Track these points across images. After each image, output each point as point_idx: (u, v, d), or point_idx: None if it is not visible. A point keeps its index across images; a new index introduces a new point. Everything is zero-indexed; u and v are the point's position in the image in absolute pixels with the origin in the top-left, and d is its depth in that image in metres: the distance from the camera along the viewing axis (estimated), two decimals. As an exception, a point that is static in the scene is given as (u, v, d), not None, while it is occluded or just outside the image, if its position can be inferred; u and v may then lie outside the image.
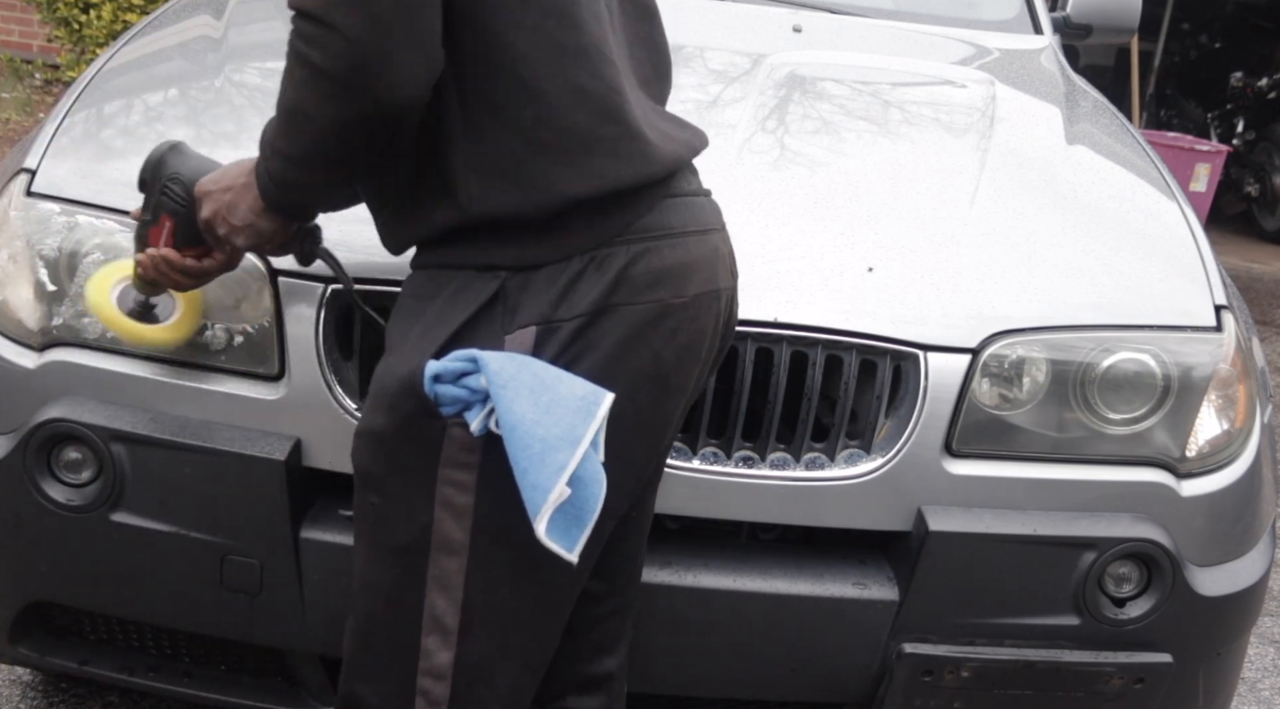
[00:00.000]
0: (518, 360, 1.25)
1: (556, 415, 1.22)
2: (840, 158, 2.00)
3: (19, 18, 7.51)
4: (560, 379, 1.25)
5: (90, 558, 1.70)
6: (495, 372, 1.23)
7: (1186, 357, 1.73)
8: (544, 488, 1.22)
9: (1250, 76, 9.05)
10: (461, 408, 1.26)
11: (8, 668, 2.26)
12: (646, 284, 1.31)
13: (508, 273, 1.28)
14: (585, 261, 1.29)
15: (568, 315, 1.28)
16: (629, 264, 1.30)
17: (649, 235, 1.32)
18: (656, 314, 1.32)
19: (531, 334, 1.28)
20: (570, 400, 1.24)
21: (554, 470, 1.22)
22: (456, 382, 1.25)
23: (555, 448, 1.22)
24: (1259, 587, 1.83)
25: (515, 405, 1.22)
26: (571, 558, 1.26)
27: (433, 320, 1.30)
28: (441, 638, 1.34)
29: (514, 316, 1.28)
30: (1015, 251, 1.81)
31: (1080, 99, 2.48)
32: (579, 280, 1.29)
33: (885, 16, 2.84)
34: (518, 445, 1.23)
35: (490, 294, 1.28)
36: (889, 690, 1.70)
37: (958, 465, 1.68)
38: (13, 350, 1.71)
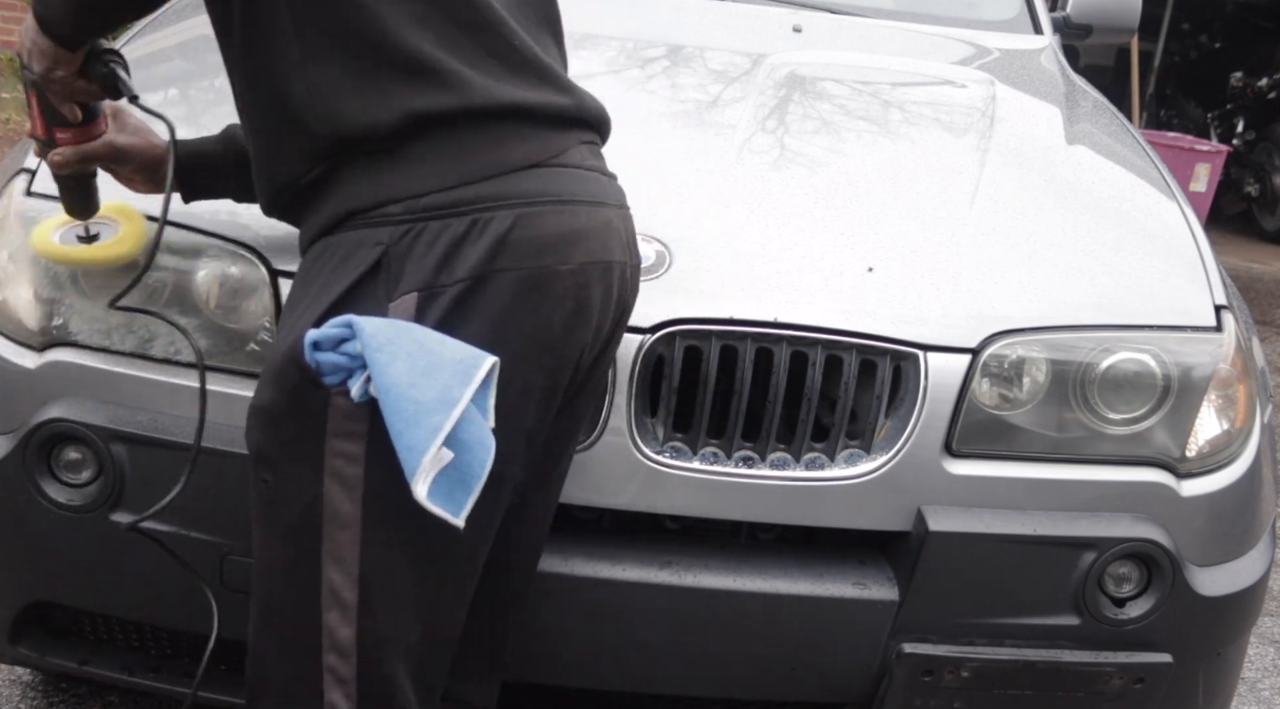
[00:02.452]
0: (397, 325, 1.24)
1: (434, 379, 1.21)
2: (840, 158, 2.00)
3: (19, 18, 7.51)
4: (442, 343, 1.24)
5: (90, 558, 1.70)
6: (370, 335, 1.22)
7: (1186, 356, 1.73)
8: (418, 450, 1.21)
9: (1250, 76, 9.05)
10: (344, 376, 1.25)
11: (8, 668, 2.26)
12: (532, 249, 1.30)
13: (390, 239, 1.28)
14: (467, 225, 1.28)
15: (449, 281, 1.27)
16: (511, 228, 1.29)
17: (530, 200, 1.31)
18: (542, 279, 1.31)
19: (413, 300, 1.27)
20: (450, 364, 1.23)
21: (428, 432, 1.21)
22: (337, 349, 1.25)
23: (430, 410, 1.21)
24: (1259, 587, 1.83)
25: (391, 369, 1.21)
26: (457, 522, 1.25)
27: (318, 292, 1.30)
28: (341, 613, 1.33)
29: (397, 284, 1.27)
30: (1015, 251, 1.81)
31: (1080, 99, 2.48)
32: (461, 245, 1.28)
33: (885, 16, 2.84)
34: (392, 408, 1.22)
35: (372, 261, 1.28)
36: (889, 690, 1.70)
37: (958, 465, 1.68)
38: (13, 350, 1.71)
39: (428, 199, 1.28)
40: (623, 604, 1.65)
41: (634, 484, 1.64)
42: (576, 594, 1.64)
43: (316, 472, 1.30)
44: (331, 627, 1.33)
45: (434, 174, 1.29)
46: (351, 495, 1.30)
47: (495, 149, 1.31)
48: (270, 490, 1.34)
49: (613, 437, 1.62)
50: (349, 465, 1.29)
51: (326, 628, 1.33)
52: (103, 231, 1.61)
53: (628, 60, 2.33)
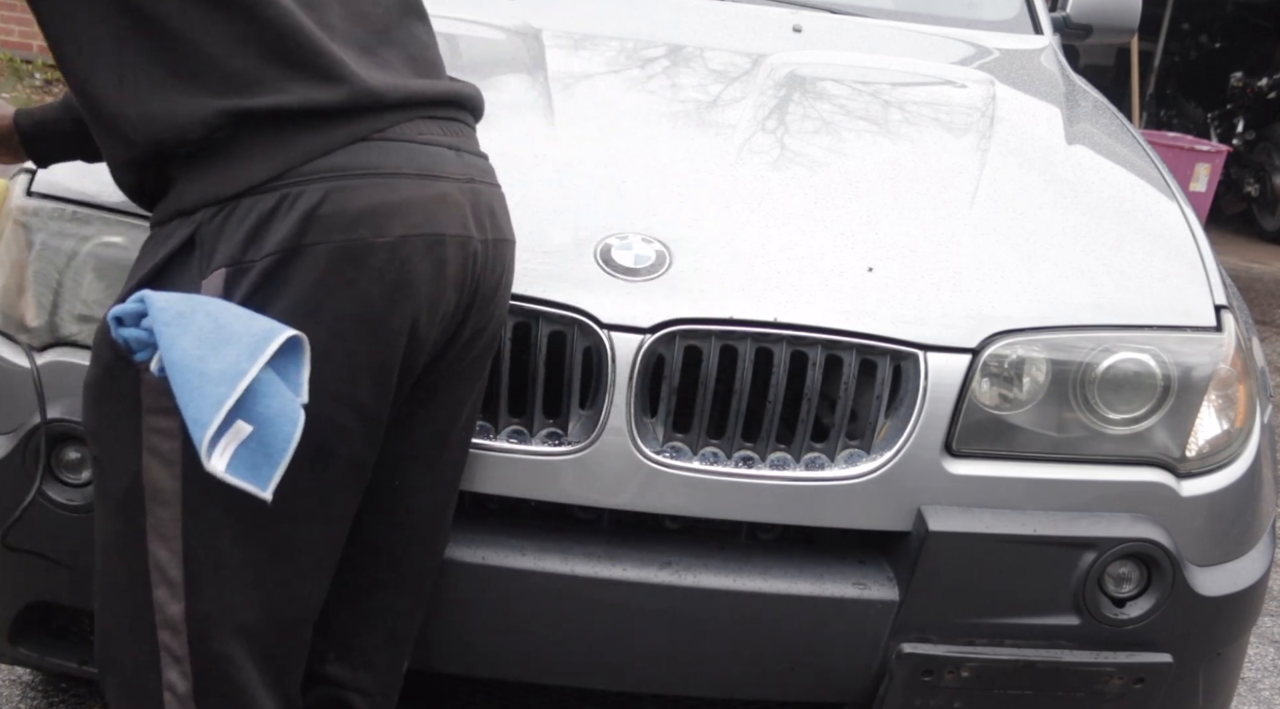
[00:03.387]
0: (192, 300, 1.24)
1: (223, 352, 1.21)
2: (840, 158, 2.00)
3: (19, 18, 7.52)
4: (240, 317, 1.24)
5: (91, 558, 1.69)
6: (160, 309, 1.23)
7: (1186, 357, 1.73)
8: (202, 422, 1.20)
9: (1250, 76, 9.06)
10: (152, 351, 1.25)
11: (8, 668, 2.26)
12: (344, 223, 1.29)
13: (203, 219, 1.28)
14: (276, 201, 1.27)
15: (256, 256, 1.27)
16: (321, 201, 1.28)
17: (345, 173, 1.30)
18: (355, 252, 1.29)
19: (221, 276, 1.27)
20: (243, 337, 1.22)
21: (212, 404, 1.20)
22: (139, 324, 1.25)
23: (215, 382, 1.21)
24: (1259, 587, 1.83)
25: (178, 342, 1.21)
26: (264, 496, 1.24)
27: (135, 271, 1.32)
28: (169, 590, 1.33)
29: (209, 261, 1.28)
30: (1015, 251, 1.81)
31: (1080, 99, 2.48)
32: (270, 220, 1.27)
33: (885, 16, 2.84)
34: (178, 381, 1.22)
35: (184, 239, 1.29)
36: (889, 690, 1.70)
37: (958, 465, 1.68)
38: (13, 350, 1.71)
39: None
40: (623, 604, 1.65)
41: (634, 484, 1.64)
42: (576, 594, 1.64)
43: (136, 448, 1.31)
44: (161, 603, 1.34)
45: (253, 172, 1.28)
46: (171, 471, 1.30)
47: (313, 137, 1.30)
48: (98, 465, 1.36)
49: (612, 437, 1.62)
50: (165, 441, 1.30)
51: (157, 604, 1.34)
52: None
53: (628, 60, 2.33)
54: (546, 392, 1.64)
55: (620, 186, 1.80)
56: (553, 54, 2.19)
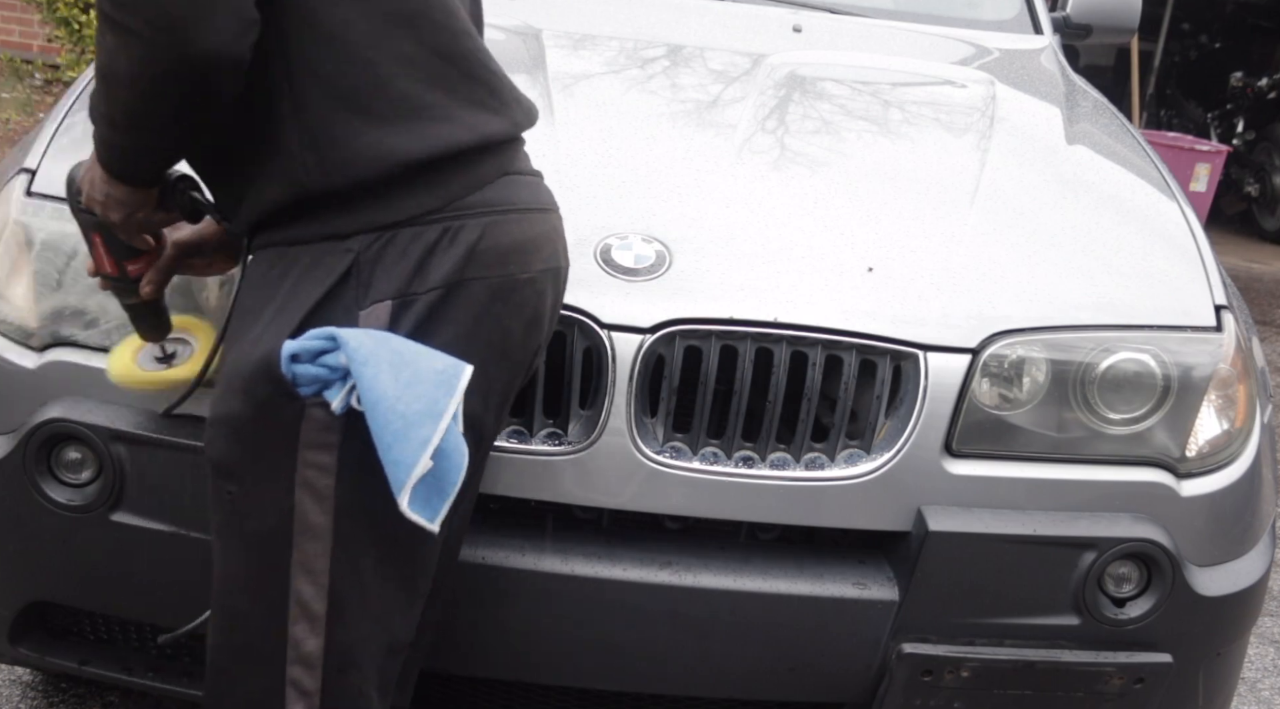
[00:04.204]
0: (376, 336, 1.24)
1: (417, 390, 1.22)
2: (840, 158, 2.00)
3: (19, 18, 7.51)
4: (419, 353, 1.25)
5: (90, 558, 1.70)
6: (355, 348, 1.22)
7: (1186, 357, 1.73)
8: (407, 464, 1.22)
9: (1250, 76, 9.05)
10: (320, 387, 1.25)
11: (8, 668, 2.26)
12: (496, 258, 1.31)
13: (360, 246, 1.28)
14: (439, 233, 1.29)
15: (421, 289, 1.28)
16: (481, 237, 1.30)
17: (495, 209, 1.32)
18: (506, 288, 1.32)
19: (387, 309, 1.27)
20: (430, 374, 1.23)
21: (418, 445, 1.22)
22: (314, 361, 1.24)
23: (418, 423, 1.22)
24: (1259, 587, 1.83)
25: (377, 382, 1.21)
26: (433, 529, 1.26)
27: (285, 300, 1.29)
28: (309, 625, 1.32)
29: (367, 291, 1.27)
30: (1015, 251, 1.81)
31: (1080, 99, 2.48)
32: (432, 254, 1.28)
33: (885, 16, 2.84)
34: (380, 422, 1.22)
35: (344, 269, 1.28)
36: (889, 690, 1.70)
37: (958, 465, 1.68)
38: (13, 350, 1.71)
39: None
40: (623, 604, 1.65)
41: (634, 484, 1.64)
42: (577, 594, 1.64)
43: (288, 483, 1.29)
44: (299, 639, 1.33)
45: (418, 204, 1.29)
46: (323, 506, 1.29)
47: (472, 172, 1.33)
48: (235, 502, 1.32)
49: (613, 437, 1.62)
50: (321, 476, 1.29)
51: (293, 640, 1.33)
52: (179, 350, 1.60)
53: (628, 60, 2.33)
54: (546, 391, 1.64)
55: (620, 186, 1.80)
56: (553, 54, 2.19)
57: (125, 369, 1.61)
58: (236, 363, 1.31)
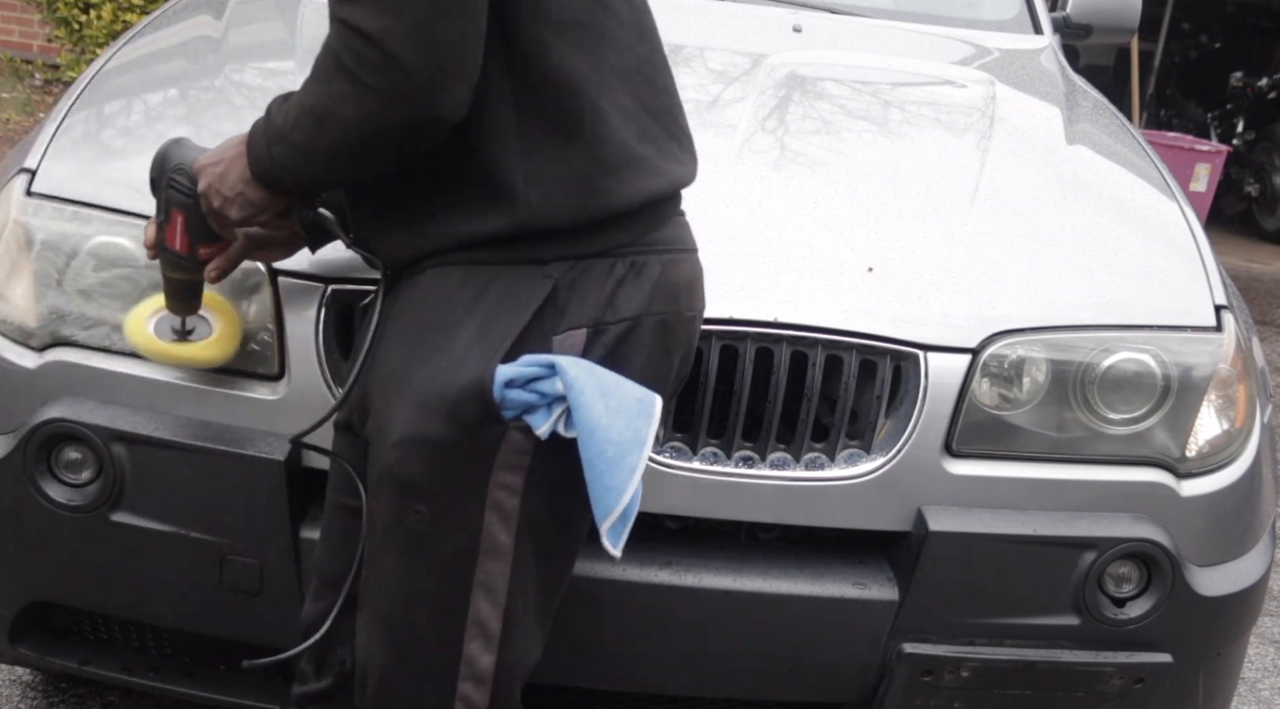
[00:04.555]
0: (584, 365, 1.27)
1: (624, 419, 1.26)
2: (840, 158, 2.00)
3: (19, 18, 7.51)
4: (619, 383, 1.28)
5: (90, 558, 1.70)
6: (573, 377, 1.25)
7: (1186, 357, 1.73)
8: (619, 489, 1.26)
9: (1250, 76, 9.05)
10: (523, 411, 1.28)
11: (8, 668, 2.26)
12: (675, 294, 1.37)
13: (558, 273, 1.30)
14: (627, 267, 1.33)
15: (613, 319, 1.31)
16: (661, 273, 1.35)
17: (674, 247, 1.38)
18: (675, 324, 1.37)
19: (583, 336, 1.30)
20: (632, 403, 1.28)
21: (628, 472, 1.26)
22: (525, 386, 1.27)
23: (627, 451, 1.26)
24: (1259, 587, 1.83)
25: (593, 410, 1.25)
26: (616, 553, 1.30)
27: (485, 322, 1.30)
28: (484, 643, 1.35)
29: (562, 317, 1.30)
30: (1015, 251, 1.81)
31: (1080, 99, 2.48)
32: (622, 285, 1.32)
33: (885, 16, 2.84)
34: (595, 449, 1.26)
35: (545, 295, 1.30)
36: (889, 690, 1.70)
37: (958, 465, 1.68)
38: (13, 350, 1.71)
39: None
40: (623, 604, 1.65)
41: (634, 484, 1.64)
42: (577, 594, 1.64)
43: (479, 503, 1.31)
44: (473, 656, 1.35)
45: (614, 240, 1.33)
46: (508, 526, 1.32)
47: (657, 212, 1.37)
48: (423, 521, 1.33)
49: (613, 437, 1.62)
50: (509, 497, 1.31)
51: (467, 657, 1.35)
52: (198, 326, 1.61)
53: (628, 60, 2.33)
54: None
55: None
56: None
57: (145, 337, 1.61)
58: (433, 384, 1.31)
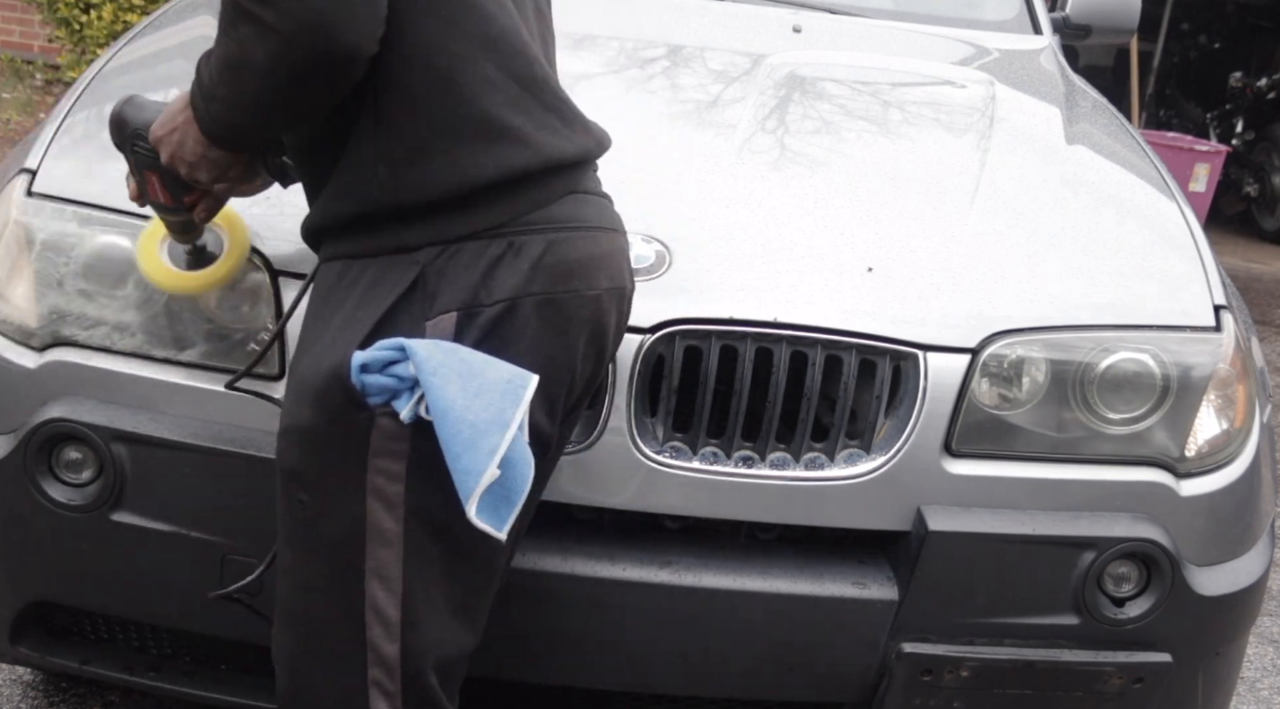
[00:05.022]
0: (444, 347, 1.26)
1: (485, 400, 1.24)
2: (840, 158, 2.00)
3: (19, 18, 7.51)
4: (486, 364, 1.26)
5: (90, 558, 1.70)
6: (425, 359, 1.24)
7: (1186, 356, 1.73)
8: (476, 472, 1.24)
9: (1250, 76, 9.05)
10: (389, 397, 1.27)
11: (8, 668, 2.26)
12: (563, 273, 1.33)
13: (426, 259, 1.29)
14: (504, 247, 1.30)
15: (488, 301, 1.29)
16: (545, 252, 1.32)
17: (563, 226, 1.34)
18: (569, 304, 1.34)
19: (453, 320, 1.29)
20: (497, 384, 1.25)
21: (486, 454, 1.24)
22: (383, 370, 1.26)
23: (485, 432, 1.24)
24: (1258, 586, 1.83)
25: (446, 392, 1.23)
26: (500, 536, 1.28)
27: (352, 310, 1.30)
28: (385, 630, 1.34)
29: (433, 303, 1.29)
30: (1015, 251, 1.81)
31: (1080, 99, 2.48)
32: (498, 266, 1.30)
33: (885, 16, 2.84)
34: (450, 431, 1.24)
35: (410, 281, 1.29)
36: (889, 690, 1.70)
37: (957, 465, 1.69)
38: (13, 350, 1.71)
39: None
40: (623, 604, 1.65)
41: (634, 484, 1.65)
42: (576, 594, 1.65)
43: (359, 491, 1.31)
44: (375, 643, 1.34)
45: (484, 220, 1.31)
46: (394, 513, 1.31)
47: (539, 190, 1.34)
48: (307, 510, 1.34)
49: (613, 436, 1.62)
50: (391, 483, 1.31)
51: (371, 644, 1.34)
52: (207, 241, 1.60)
53: (628, 60, 2.33)
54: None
55: (620, 186, 1.79)
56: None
57: (154, 264, 1.60)
58: (305, 373, 1.33)
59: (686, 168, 1.86)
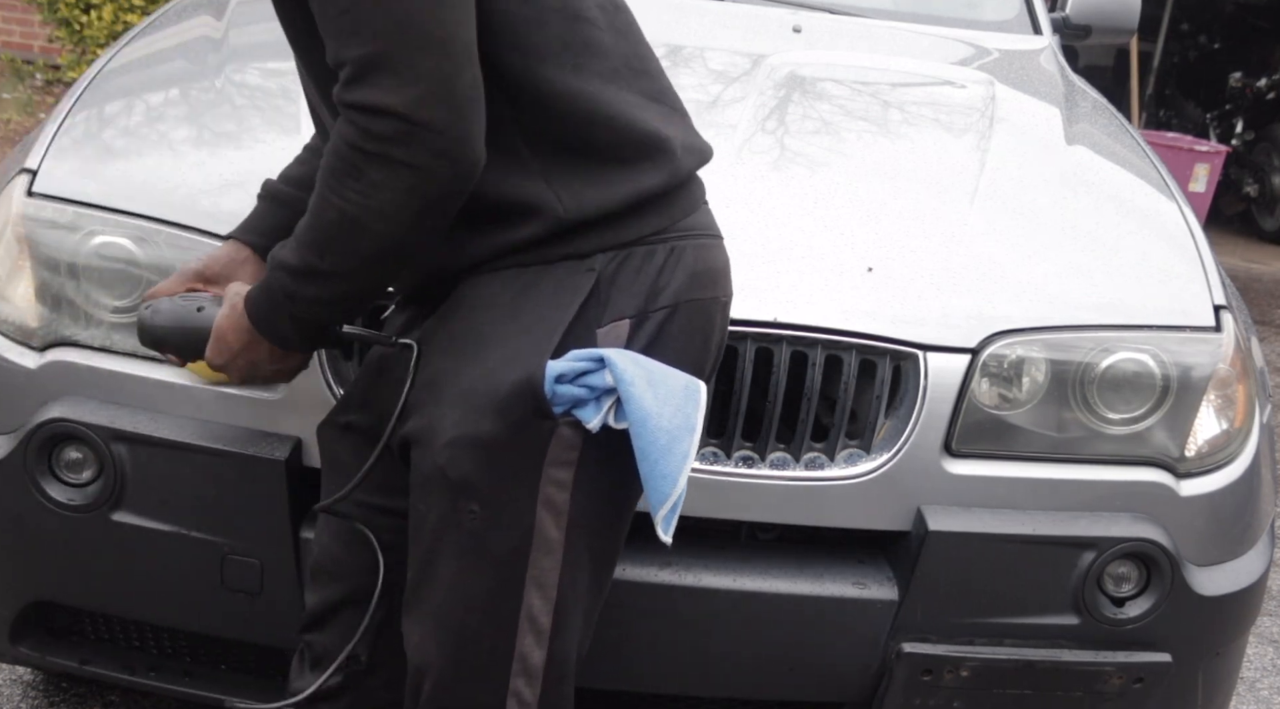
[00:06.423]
0: (630, 355, 1.28)
1: (673, 406, 1.27)
2: (840, 158, 2.01)
3: (20, 18, 7.51)
4: (665, 371, 1.29)
5: (91, 558, 1.70)
6: (622, 369, 1.26)
7: (1186, 357, 1.73)
8: (673, 477, 1.27)
9: (1249, 77, 9.05)
10: (572, 406, 1.28)
11: (8, 668, 2.26)
12: (709, 280, 1.36)
13: (600, 265, 1.31)
14: (667, 253, 1.33)
15: (654, 307, 1.31)
16: (696, 258, 1.35)
17: (705, 233, 1.38)
18: (711, 310, 1.37)
19: (626, 326, 1.30)
20: (677, 390, 1.28)
21: (680, 458, 1.27)
22: (575, 381, 1.27)
23: (679, 437, 1.27)
24: (1258, 586, 1.83)
25: (644, 400, 1.26)
26: (668, 540, 1.31)
27: (532, 320, 1.30)
28: (536, 638, 1.35)
29: (604, 310, 1.30)
30: (1015, 251, 1.81)
31: (1079, 99, 2.48)
32: (661, 273, 1.32)
33: (885, 17, 2.85)
34: (648, 439, 1.26)
35: (589, 288, 1.30)
36: (888, 690, 1.70)
37: (957, 465, 1.69)
38: (13, 350, 1.71)
39: None
40: (623, 604, 1.65)
41: (634, 484, 1.64)
42: (577, 594, 1.64)
43: (531, 500, 1.31)
44: (524, 651, 1.35)
45: (646, 226, 1.33)
46: (559, 521, 1.32)
47: (688, 196, 1.37)
48: (477, 520, 1.32)
49: (613, 436, 1.62)
50: (559, 492, 1.31)
51: (519, 653, 1.35)
52: None
53: (628, 60, 2.33)
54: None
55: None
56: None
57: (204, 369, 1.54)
58: (480, 383, 1.30)
59: (686, 168, 1.86)
